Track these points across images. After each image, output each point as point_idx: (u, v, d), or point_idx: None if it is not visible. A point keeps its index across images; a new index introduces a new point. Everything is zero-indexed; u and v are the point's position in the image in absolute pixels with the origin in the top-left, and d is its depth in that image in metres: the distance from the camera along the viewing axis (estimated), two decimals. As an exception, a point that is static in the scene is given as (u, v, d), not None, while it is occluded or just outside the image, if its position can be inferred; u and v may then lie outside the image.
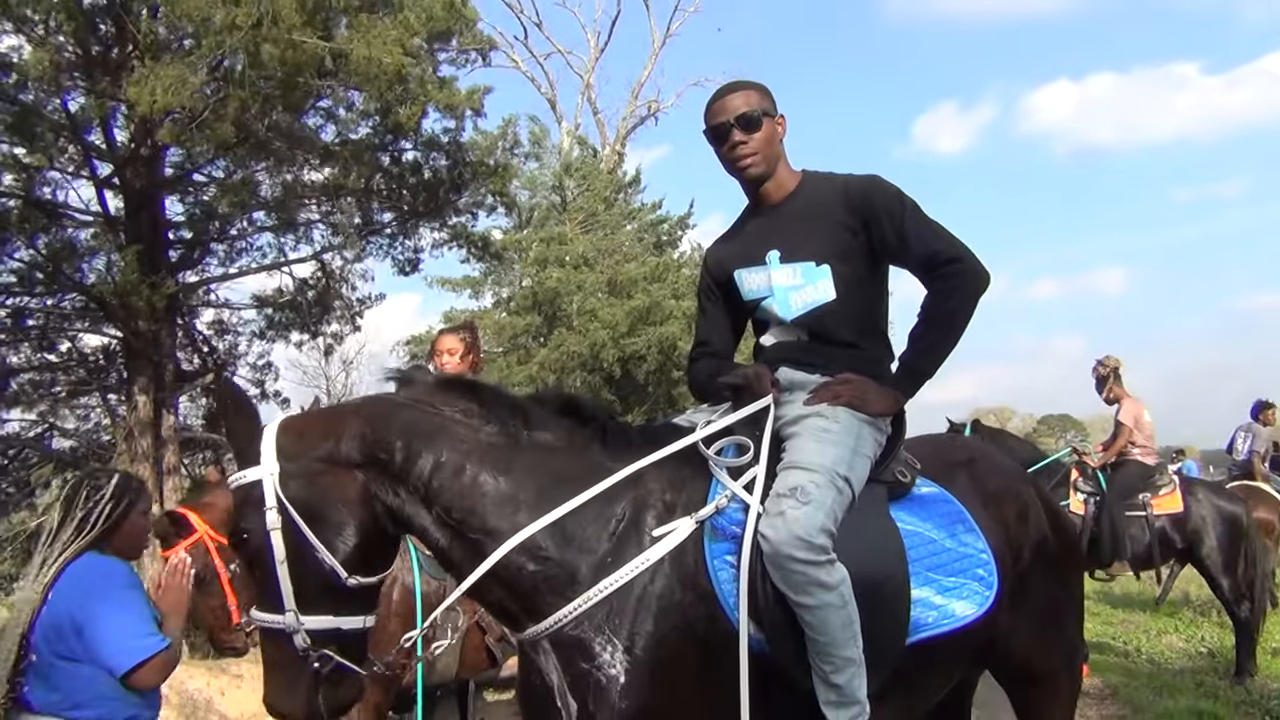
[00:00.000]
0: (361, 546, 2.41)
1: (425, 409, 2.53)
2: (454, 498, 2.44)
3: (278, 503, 2.37)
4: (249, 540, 2.41)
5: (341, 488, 2.41)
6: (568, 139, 27.88)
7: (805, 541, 2.34)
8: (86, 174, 10.47)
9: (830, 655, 2.40)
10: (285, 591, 2.36)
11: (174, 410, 11.40)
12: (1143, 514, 8.35)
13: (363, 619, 2.44)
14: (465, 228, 12.74)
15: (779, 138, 2.92)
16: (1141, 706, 7.31)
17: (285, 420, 2.51)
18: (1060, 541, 3.19)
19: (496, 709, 9.03)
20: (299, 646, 2.37)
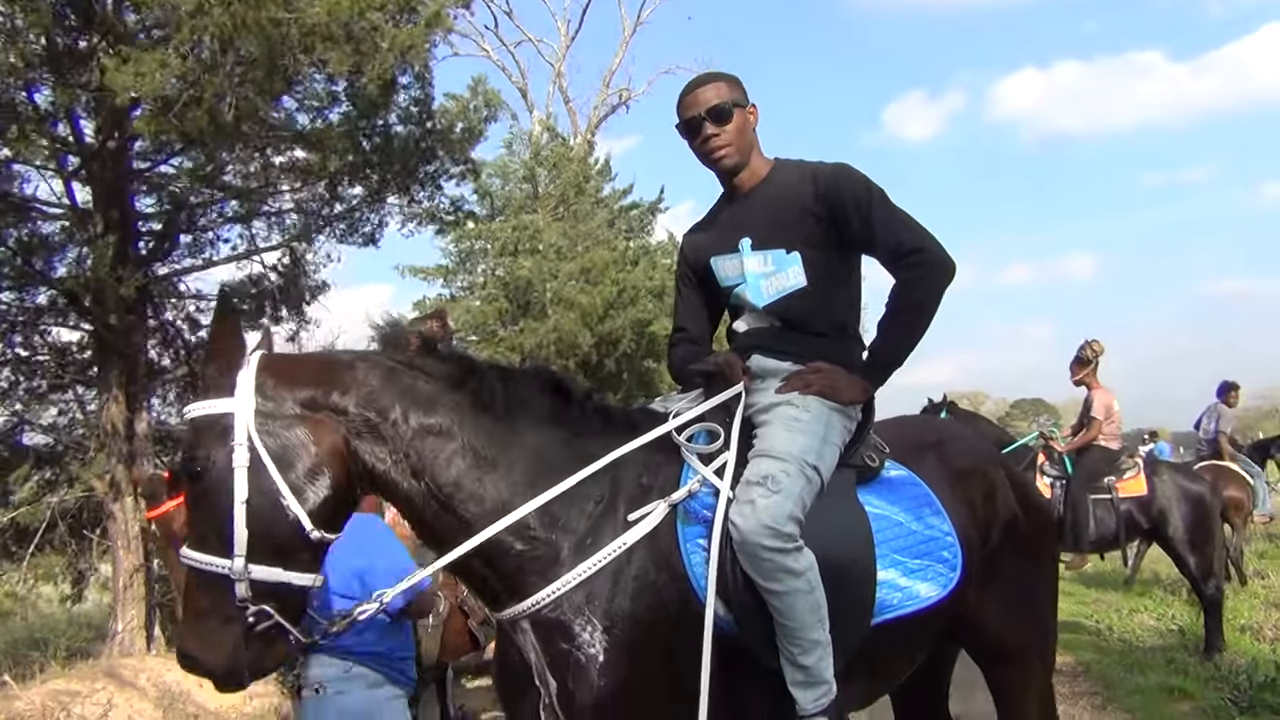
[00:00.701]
0: (332, 500, 2.35)
1: (420, 376, 2.51)
2: (444, 470, 2.43)
3: (248, 440, 2.28)
4: (204, 472, 2.30)
5: (323, 437, 2.36)
6: (538, 127, 27.81)
7: (774, 530, 2.40)
8: (54, 167, 10.37)
9: (798, 638, 2.46)
10: (238, 535, 2.25)
11: (147, 406, 11.32)
12: (1108, 497, 8.52)
13: (310, 576, 2.36)
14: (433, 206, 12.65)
15: (751, 127, 2.96)
16: (1113, 683, 7.45)
17: (269, 357, 2.45)
18: (1031, 521, 3.24)
19: (475, 695, 9.10)
20: (238, 596, 2.26)
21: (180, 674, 8.88)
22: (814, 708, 2.51)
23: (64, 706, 7.50)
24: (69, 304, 10.73)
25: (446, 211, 13.00)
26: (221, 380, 2.35)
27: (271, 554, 2.28)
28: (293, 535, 2.30)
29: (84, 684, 8.15)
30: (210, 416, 2.33)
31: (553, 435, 2.58)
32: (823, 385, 2.73)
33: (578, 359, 20.80)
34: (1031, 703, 3.26)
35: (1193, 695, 6.81)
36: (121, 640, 10.32)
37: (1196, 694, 6.81)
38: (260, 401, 2.32)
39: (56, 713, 7.36)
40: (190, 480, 2.34)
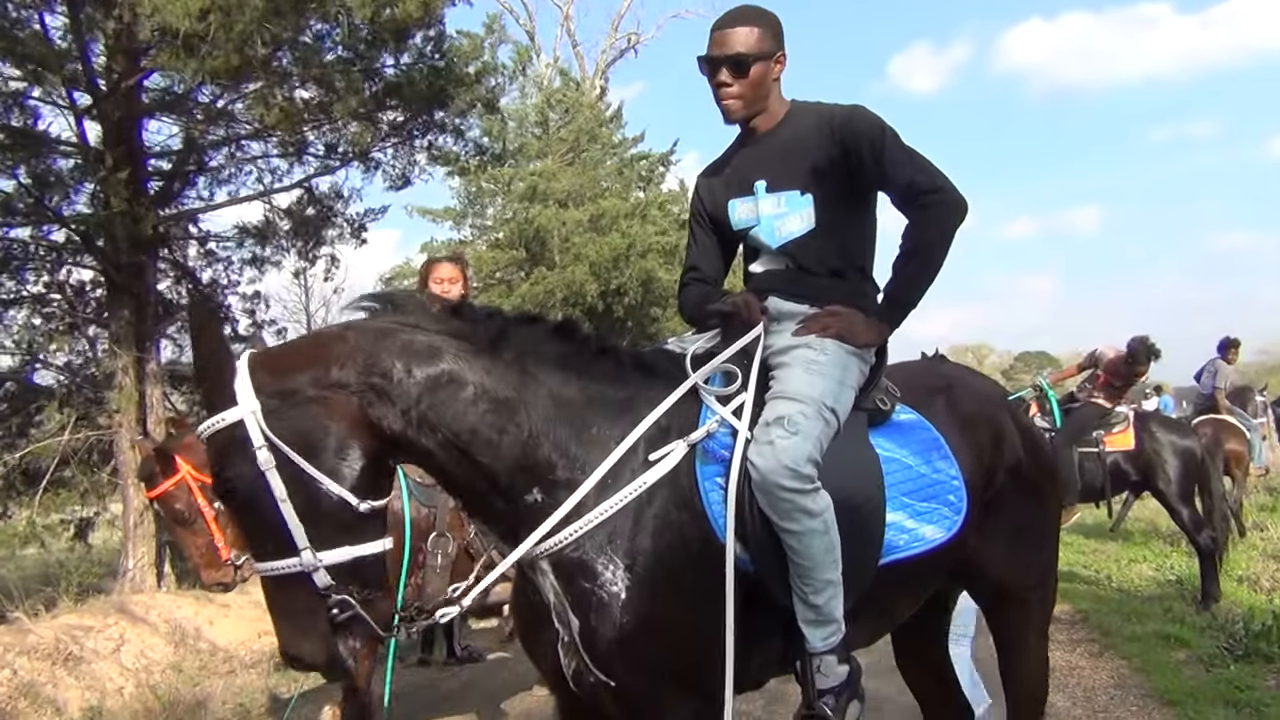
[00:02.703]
0: (369, 468, 2.35)
1: (418, 331, 2.48)
2: (459, 418, 2.43)
3: (266, 440, 2.28)
4: (237, 488, 2.31)
5: (337, 412, 2.33)
6: (548, 71, 27.61)
7: (793, 470, 2.44)
8: (66, 103, 10.34)
9: (811, 577, 2.51)
10: (295, 531, 2.27)
11: (157, 345, 11.38)
12: (1095, 450, 8.69)
13: (381, 542, 2.39)
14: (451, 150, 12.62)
15: (772, 77, 2.95)
16: (1110, 631, 7.56)
17: (254, 355, 2.40)
18: (1036, 466, 3.29)
19: (480, 635, 9.24)
20: (320, 585, 2.30)
21: (191, 610, 9.04)
22: (823, 645, 2.57)
23: (76, 640, 7.60)
24: (82, 242, 10.74)
25: (469, 154, 12.96)
26: (221, 394, 2.34)
27: (334, 536, 2.31)
28: (344, 512, 2.31)
29: (96, 619, 8.26)
30: (223, 432, 2.32)
31: (566, 378, 2.58)
32: (840, 328, 2.77)
33: (583, 308, 20.81)
34: (1031, 641, 3.32)
35: (1189, 643, 6.91)
36: (132, 577, 10.46)
37: (1193, 642, 6.92)
38: (264, 400, 2.31)
39: (69, 646, 7.47)
40: (228, 499, 2.37)
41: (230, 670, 8.01)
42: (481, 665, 8.18)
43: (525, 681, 7.19)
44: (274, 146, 12.24)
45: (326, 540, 2.29)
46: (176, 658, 7.99)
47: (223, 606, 9.35)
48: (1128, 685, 6.17)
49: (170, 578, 10.89)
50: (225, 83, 9.96)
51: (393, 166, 12.57)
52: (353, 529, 2.33)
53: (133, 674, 7.46)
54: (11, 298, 11.46)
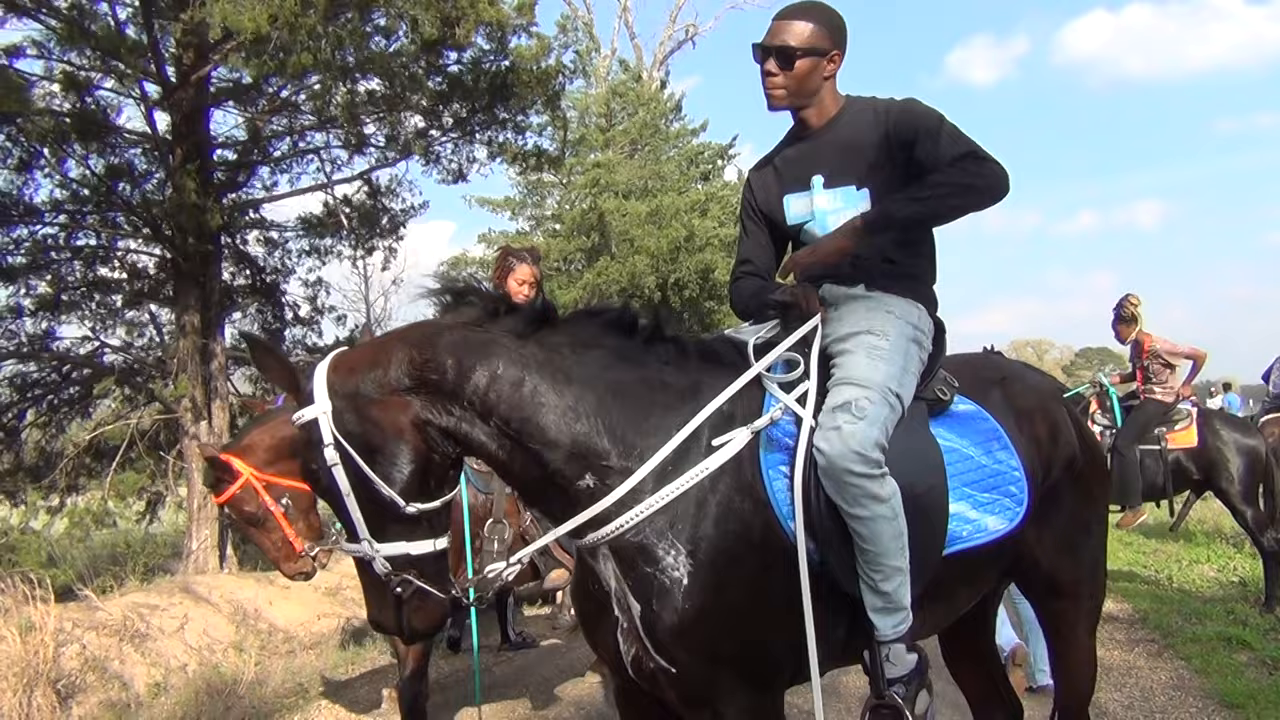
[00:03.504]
0: (418, 474, 2.44)
1: (472, 328, 2.55)
2: (512, 408, 2.47)
3: (334, 440, 2.41)
4: (318, 477, 2.48)
5: (392, 417, 2.42)
6: (605, 62, 27.64)
7: (861, 455, 2.44)
8: (136, 93, 10.56)
9: (880, 564, 2.51)
10: (357, 522, 2.44)
11: (221, 330, 11.61)
12: (1157, 448, 8.52)
13: (433, 543, 2.49)
14: (512, 142, 12.70)
15: (823, 74, 2.94)
16: (1171, 631, 7.44)
17: (335, 356, 2.54)
18: (1088, 460, 3.28)
19: (533, 622, 9.33)
20: (380, 571, 2.46)
21: (252, 592, 9.21)
22: (893, 633, 2.57)
23: (143, 618, 7.78)
24: (149, 230, 10.97)
25: (530, 153, 13.06)
26: (305, 388, 2.49)
27: (389, 531, 2.45)
28: (398, 513, 2.44)
29: (161, 598, 8.44)
30: (304, 426, 2.48)
31: (625, 368, 2.60)
32: (808, 259, 2.80)
33: (641, 300, 20.85)
34: (1080, 635, 3.31)
35: (1252, 645, 6.79)
36: (196, 558, 10.68)
37: (1256, 644, 6.79)
38: (335, 401, 2.43)
39: (136, 624, 7.65)
40: (312, 485, 2.56)
41: (289, 651, 8.15)
42: (535, 651, 8.25)
43: (578, 668, 7.26)
44: (335, 138, 12.43)
45: (383, 533, 2.45)
46: (238, 637, 8.15)
47: (283, 589, 9.51)
48: (1187, 686, 6.08)
49: (232, 559, 11.11)
50: (291, 78, 10.12)
51: (451, 161, 12.71)
52: (406, 527, 2.47)
53: (195, 652, 7.62)
54: (81, 282, 11.73)
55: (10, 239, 11.04)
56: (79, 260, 11.63)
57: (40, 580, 6.87)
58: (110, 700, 6.53)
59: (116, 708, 6.41)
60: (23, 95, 9.11)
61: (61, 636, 6.71)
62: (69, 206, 11.11)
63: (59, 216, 11.17)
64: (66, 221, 11.26)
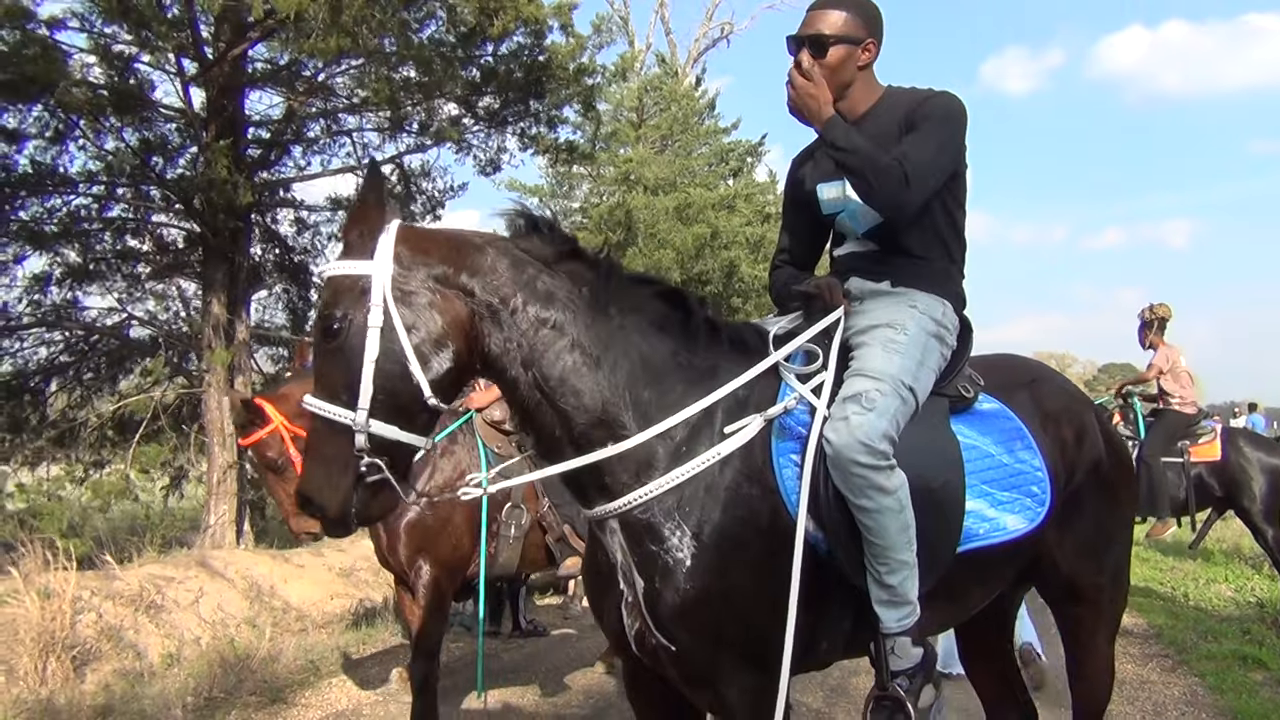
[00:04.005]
0: (453, 372, 2.43)
1: (545, 270, 2.55)
2: (552, 364, 2.48)
3: (383, 303, 2.36)
4: (340, 330, 2.38)
5: (450, 311, 2.41)
6: (639, 57, 27.60)
7: (867, 446, 2.43)
8: (173, 69, 10.64)
9: (886, 557, 2.50)
10: (364, 391, 2.34)
11: (247, 308, 11.69)
12: (1179, 460, 8.45)
13: (424, 439, 2.46)
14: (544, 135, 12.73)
15: (857, 63, 2.92)
16: (1185, 648, 7.39)
17: (406, 228, 2.49)
18: (1115, 467, 3.25)
19: (546, 611, 9.36)
20: (357, 446, 2.35)
21: (267, 569, 9.26)
22: (897, 627, 2.57)
23: (159, 590, 7.84)
24: (181, 205, 11.05)
25: (561, 146, 13.08)
26: (363, 244, 2.43)
27: (391, 413, 2.36)
28: (413, 399, 2.38)
29: (178, 570, 8.50)
30: (350, 277, 2.41)
31: (660, 342, 2.61)
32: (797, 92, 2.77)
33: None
34: (1099, 644, 3.28)
35: (1267, 665, 6.72)
36: (213, 533, 10.77)
37: (1271, 664, 6.73)
38: (397, 269, 2.39)
39: (152, 594, 7.71)
40: (325, 336, 2.42)
41: (302, 629, 8.21)
42: (545, 639, 8.28)
43: (587, 658, 7.28)
44: (369, 121, 12.49)
45: (382, 413, 2.36)
46: (251, 613, 8.20)
47: (298, 567, 9.58)
48: (1200, 703, 6.03)
49: (249, 536, 11.20)
50: (329, 60, 10.18)
51: (484, 150, 12.75)
52: (410, 416, 2.40)
53: (209, 626, 7.68)
54: (111, 253, 11.83)
55: (44, 208, 11.15)
56: (109, 231, 11.73)
57: (62, 548, 6.94)
58: (124, 669, 6.58)
59: (129, 677, 6.46)
60: (61, 66, 9.18)
61: (79, 604, 6.77)
62: (102, 178, 11.20)
63: (92, 188, 11.27)
64: (100, 193, 11.36)
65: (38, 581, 6.57)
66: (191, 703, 6.01)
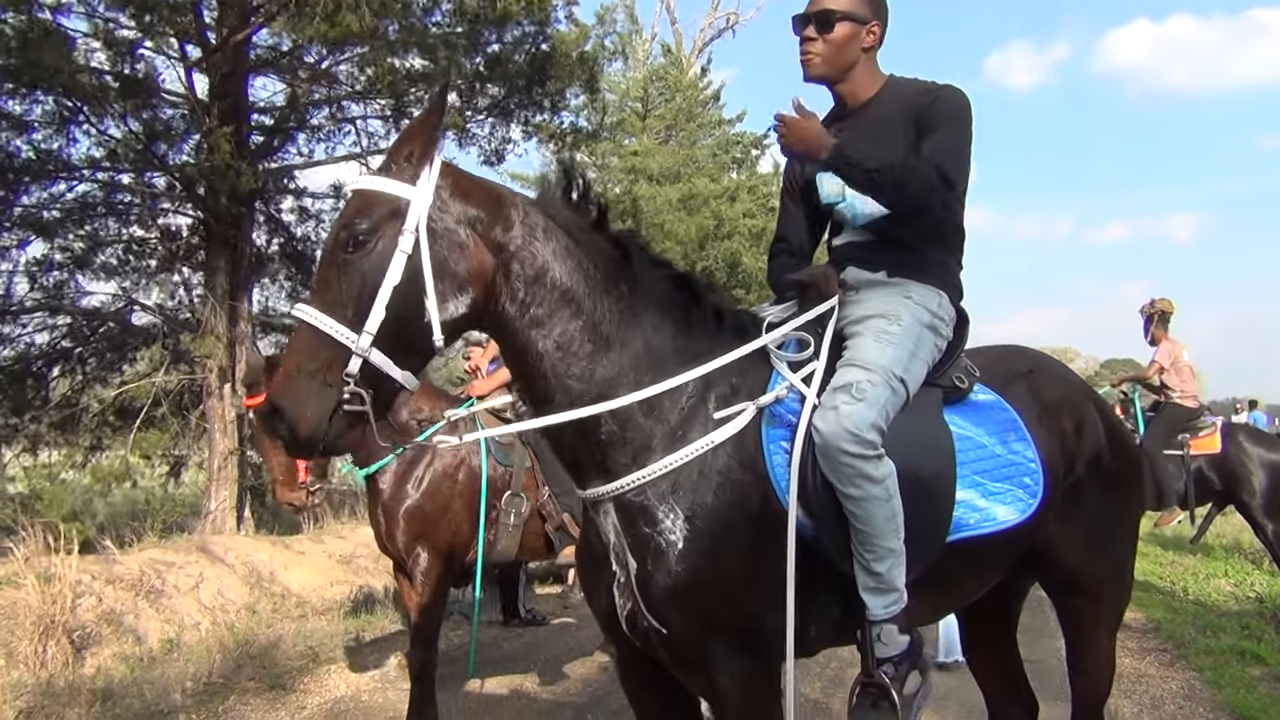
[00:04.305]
0: (466, 318, 2.41)
1: (572, 241, 2.54)
2: (562, 336, 2.47)
3: (416, 231, 2.31)
4: (364, 244, 2.30)
5: (477, 260, 2.39)
6: (645, 46, 27.54)
7: (855, 436, 2.44)
8: (177, 54, 10.62)
9: (873, 544, 2.51)
10: (374, 314, 2.27)
11: (249, 295, 11.69)
12: (1179, 453, 8.47)
13: (414, 380, 2.39)
14: (549, 122, 12.69)
15: (861, 43, 2.92)
16: (1184, 642, 7.41)
17: (451, 167, 2.46)
18: (1118, 458, 3.23)
19: (544, 600, 9.38)
20: (347, 370, 2.26)
21: (267, 555, 9.28)
22: (884, 613, 2.57)
23: (159, 575, 7.85)
24: (184, 190, 11.05)
25: (566, 131, 13.04)
26: (408, 166, 2.37)
27: (393, 344, 2.30)
28: (420, 335, 2.33)
29: (178, 556, 8.51)
30: (387, 194, 2.34)
31: (666, 326, 2.61)
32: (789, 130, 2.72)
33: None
34: (1101, 638, 3.27)
35: (1266, 660, 6.73)
36: (214, 519, 10.79)
37: (1270, 659, 6.73)
38: (436, 202, 2.35)
39: (152, 579, 7.72)
40: (346, 247, 2.32)
41: (301, 615, 8.23)
42: (544, 628, 8.31)
43: (586, 647, 7.30)
44: (373, 109, 12.46)
45: (385, 342, 2.29)
46: (251, 599, 8.22)
47: (298, 553, 9.59)
48: (1198, 697, 6.04)
49: (250, 522, 11.20)
50: (333, 45, 10.15)
51: (489, 141, 12.72)
52: (409, 353, 2.35)
53: (209, 611, 7.69)
54: (115, 239, 11.82)
55: (48, 194, 11.15)
56: (113, 217, 11.72)
57: (63, 532, 6.95)
58: (124, 654, 6.60)
59: (129, 661, 6.48)
60: (66, 51, 9.16)
61: (79, 588, 6.79)
62: (106, 164, 11.19)
63: (96, 174, 11.26)
64: (104, 179, 11.35)
65: (38, 565, 6.58)
66: (191, 688, 6.04)
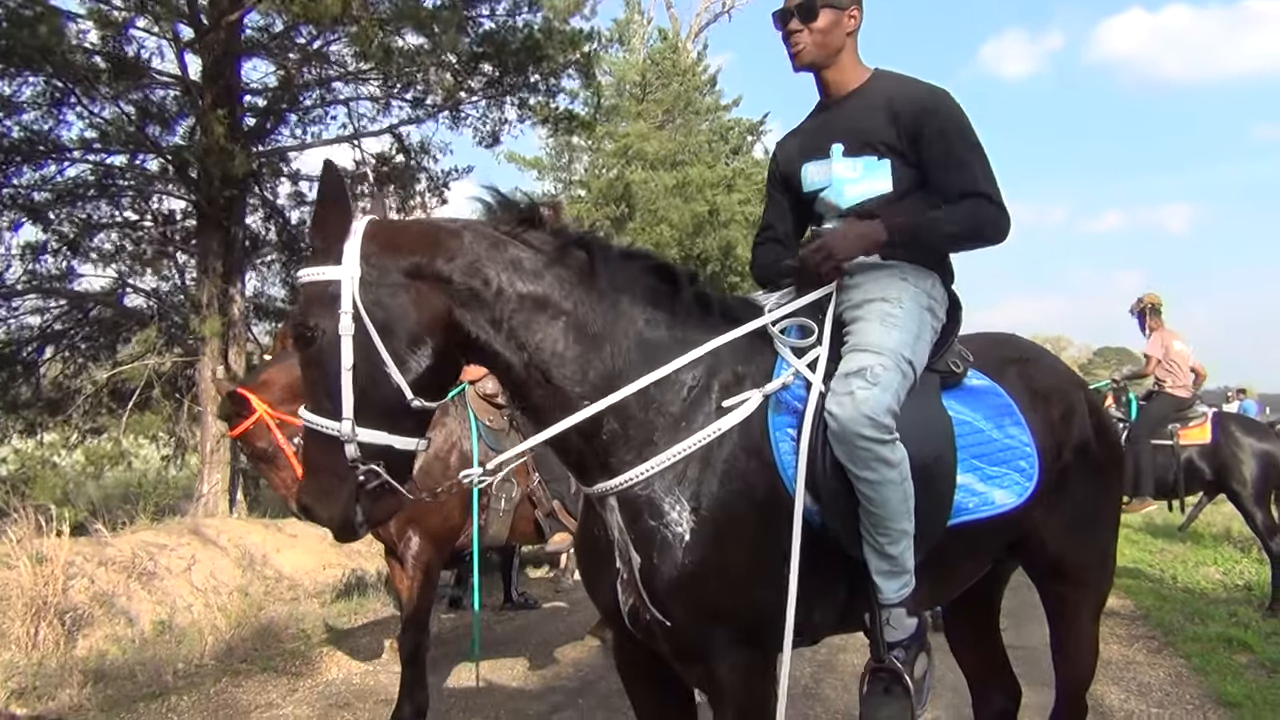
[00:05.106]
0: (434, 369, 2.38)
1: (527, 248, 2.50)
2: (546, 343, 2.45)
3: (353, 308, 2.29)
4: (315, 340, 2.33)
5: (426, 306, 2.35)
6: (642, 30, 27.48)
7: (873, 420, 2.43)
8: (169, 35, 10.57)
9: (886, 527, 2.50)
10: (345, 400, 2.29)
11: (243, 278, 11.67)
12: (1169, 443, 8.50)
13: (416, 441, 2.42)
14: (544, 104, 12.64)
15: (845, 30, 2.92)
16: (1172, 630, 7.43)
17: (375, 224, 2.42)
18: (1103, 446, 3.26)
19: (536, 584, 9.41)
20: (349, 457, 2.31)
21: (260, 538, 9.30)
22: (897, 597, 2.57)
23: (151, 557, 7.87)
24: (177, 173, 11.00)
25: (561, 115, 12.99)
26: (329, 248, 2.35)
27: (377, 418, 2.32)
28: (396, 402, 2.33)
29: (170, 538, 8.53)
30: (319, 284, 2.34)
31: (654, 317, 2.59)
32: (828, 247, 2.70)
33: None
34: (1085, 623, 3.29)
35: (1253, 648, 6.76)
36: (206, 501, 10.79)
37: (1257, 647, 6.76)
38: (365, 269, 2.32)
39: (145, 562, 7.73)
40: (302, 346, 2.38)
41: (294, 598, 8.25)
42: (536, 612, 8.33)
43: (578, 631, 7.32)
44: (364, 91, 12.42)
45: (368, 419, 2.31)
46: (243, 581, 8.24)
47: (290, 536, 9.61)
48: (1185, 684, 6.06)
49: (242, 504, 11.21)
50: (317, 24, 10.09)
51: (483, 122, 12.68)
52: (396, 419, 2.35)
53: (201, 594, 7.70)
54: (108, 222, 11.79)
55: (39, 176, 11.10)
56: (105, 200, 11.68)
57: (55, 514, 6.95)
58: (115, 635, 6.62)
59: (121, 642, 6.49)
60: (59, 31, 9.11)
61: (71, 570, 6.80)
62: (98, 146, 11.15)
63: (88, 156, 11.22)
64: (96, 161, 11.31)
65: (30, 547, 6.58)
66: (183, 669, 6.05)
